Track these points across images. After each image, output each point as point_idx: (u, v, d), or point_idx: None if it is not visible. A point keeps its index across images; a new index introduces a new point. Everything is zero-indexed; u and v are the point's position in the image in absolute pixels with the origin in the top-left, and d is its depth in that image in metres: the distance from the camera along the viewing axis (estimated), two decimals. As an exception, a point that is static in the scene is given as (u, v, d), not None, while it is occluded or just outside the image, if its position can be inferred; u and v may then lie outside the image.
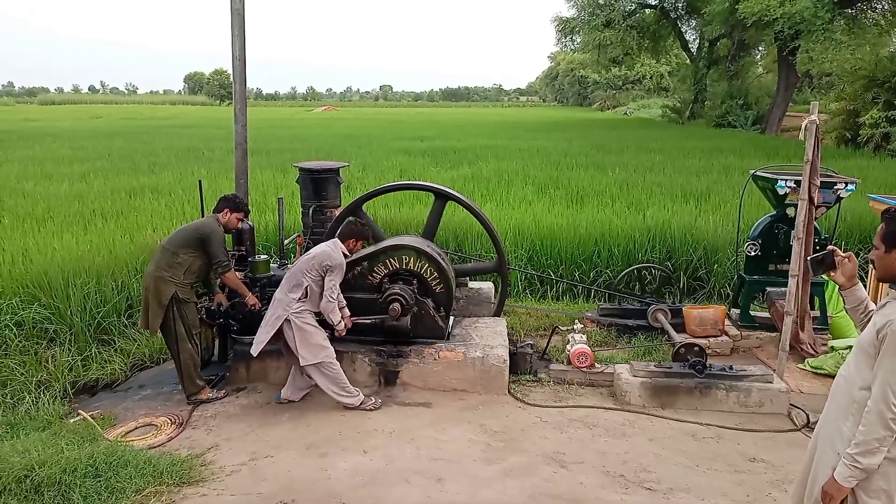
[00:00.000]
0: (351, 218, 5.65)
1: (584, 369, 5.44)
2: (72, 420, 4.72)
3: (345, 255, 5.00)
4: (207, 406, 5.06)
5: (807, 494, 2.69)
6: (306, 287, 4.85)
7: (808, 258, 2.79)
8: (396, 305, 5.27)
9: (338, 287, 4.94)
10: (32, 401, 4.90)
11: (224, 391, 5.26)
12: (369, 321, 5.39)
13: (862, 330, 2.66)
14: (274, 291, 5.54)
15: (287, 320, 4.83)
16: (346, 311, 5.18)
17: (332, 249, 4.93)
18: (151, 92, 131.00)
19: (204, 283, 5.44)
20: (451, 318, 5.84)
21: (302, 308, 4.86)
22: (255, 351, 4.89)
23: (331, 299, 4.87)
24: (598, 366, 5.50)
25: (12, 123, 32.20)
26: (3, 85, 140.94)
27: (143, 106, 71.16)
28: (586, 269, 7.89)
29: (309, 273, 4.84)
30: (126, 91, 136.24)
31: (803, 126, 5.19)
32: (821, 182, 5.57)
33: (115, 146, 19.52)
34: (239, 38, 6.36)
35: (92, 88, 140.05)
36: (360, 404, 4.95)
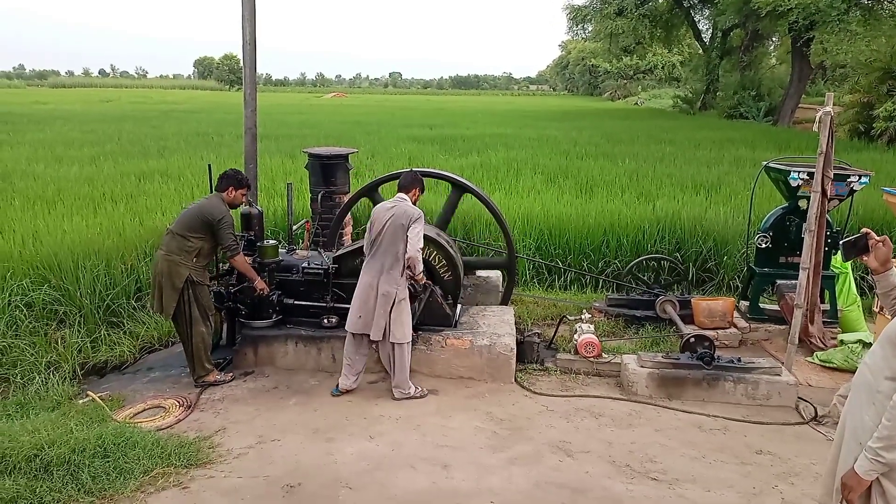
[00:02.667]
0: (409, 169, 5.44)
1: (592, 359, 5.43)
2: (81, 401, 4.75)
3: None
4: (215, 389, 5.09)
5: (836, 487, 2.64)
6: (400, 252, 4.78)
7: (841, 241, 2.72)
8: (404, 292, 5.27)
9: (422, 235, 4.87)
10: (42, 381, 4.94)
11: (231, 374, 5.28)
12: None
13: (893, 316, 2.60)
14: (283, 276, 5.57)
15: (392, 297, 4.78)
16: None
17: (406, 205, 4.88)
18: (161, 76, 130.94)
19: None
20: (459, 306, 5.84)
21: (404, 284, 4.86)
22: (407, 337, 4.88)
23: (419, 249, 4.80)
24: (606, 356, 5.49)
25: (23, 106, 32.30)
26: (13, 68, 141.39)
27: (152, 90, 71.16)
28: (595, 259, 7.86)
29: (401, 242, 4.77)
30: (136, 75, 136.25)
31: (817, 117, 5.13)
32: (834, 174, 5.51)
33: (125, 130, 19.55)
34: (249, 23, 6.34)
35: (102, 72, 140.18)
36: (416, 393, 4.96)
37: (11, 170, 11.21)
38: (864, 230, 2.69)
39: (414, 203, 5.01)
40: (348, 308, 5.51)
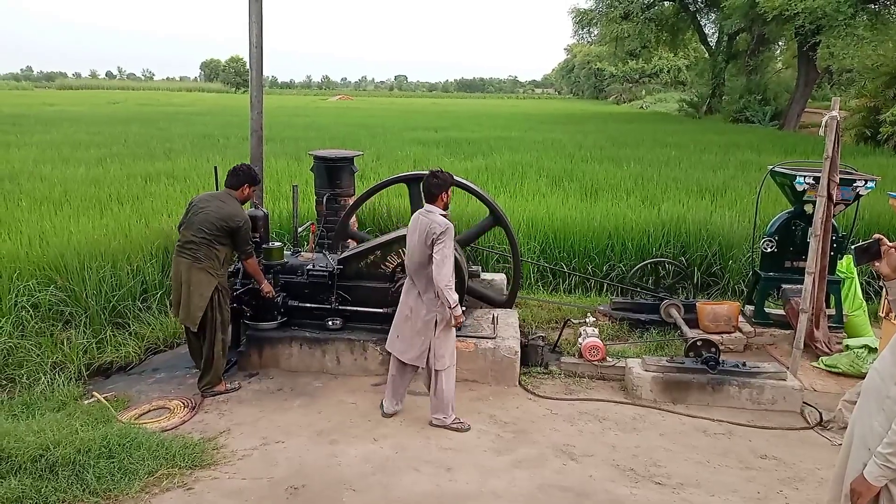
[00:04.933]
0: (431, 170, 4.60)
1: (596, 363, 5.43)
2: (86, 402, 4.77)
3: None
4: (220, 391, 5.10)
5: (844, 493, 2.63)
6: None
7: (854, 246, 2.70)
8: (408, 295, 5.26)
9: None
10: (48, 382, 4.95)
11: (239, 383, 5.19)
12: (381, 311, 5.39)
13: None
14: (288, 278, 5.58)
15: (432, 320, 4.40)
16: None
17: (431, 219, 4.27)
18: (168, 78, 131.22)
19: None
20: (463, 308, 5.83)
21: (444, 306, 4.34)
22: (449, 363, 4.47)
23: (448, 280, 4.19)
24: (610, 359, 5.48)
25: (31, 108, 32.47)
26: (21, 69, 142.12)
27: (159, 92, 71.46)
28: (599, 263, 7.85)
29: (430, 264, 4.25)
30: (143, 77, 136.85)
31: (824, 122, 5.13)
32: (840, 179, 5.50)
33: (132, 132, 19.63)
34: (256, 25, 6.37)
35: (109, 74, 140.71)
36: (453, 423, 4.58)
37: (19, 171, 11.28)
38: (876, 235, 2.67)
39: (445, 208, 4.41)
40: (353, 310, 5.55)
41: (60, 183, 10.15)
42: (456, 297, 4.26)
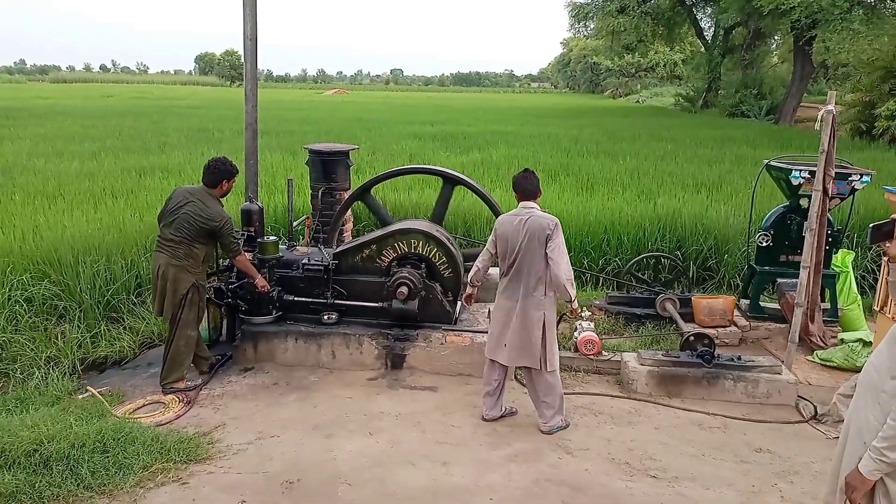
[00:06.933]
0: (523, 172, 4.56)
1: (591, 357, 5.43)
2: (80, 396, 4.75)
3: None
4: (215, 385, 5.09)
5: (839, 486, 2.64)
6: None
7: (871, 224, 2.82)
8: (404, 289, 5.26)
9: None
10: (42, 376, 4.93)
11: (201, 380, 5.10)
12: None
13: None
14: (283, 273, 5.55)
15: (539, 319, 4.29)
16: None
17: (538, 215, 4.26)
18: (162, 72, 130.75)
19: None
20: (459, 302, 5.83)
21: (552, 305, 4.32)
22: (557, 363, 4.39)
23: (569, 274, 4.22)
24: (606, 353, 5.48)
25: (24, 101, 32.27)
26: (14, 62, 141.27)
27: (154, 86, 71.12)
28: (595, 257, 7.85)
29: (542, 260, 4.20)
30: (137, 70, 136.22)
31: (819, 116, 5.12)
32: (835, 173, 5.51)
33: (126, 125, 19.53)
34: (251, 18, 6.30)
35: (103, 67, 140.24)
36: (565, 423, 4.49)
37: (12, 164, 11.21)
38: (894, 216, 2.76)
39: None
40: (348, 304, 5.53)
41: (54, 176, 10.09)
42: (575, 291, 4.27)
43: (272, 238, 5.60)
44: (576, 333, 5.60)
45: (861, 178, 5.93)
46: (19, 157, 12.07)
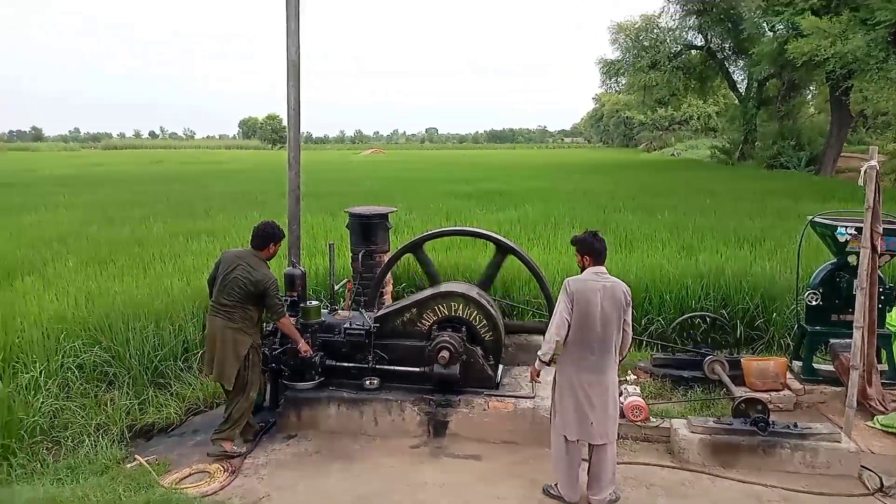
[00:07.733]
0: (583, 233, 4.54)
1: (639, 423, 5.27)
2: (129, 465, 4.80)
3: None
4: (259, 453, 5.08)
5: None
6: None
7: None
8: (445, 353, 5.24)
9: None
10: (91, 444, 5.02)
11: (246, 448, 5.14)
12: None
13: None
14: (325, 337, 5.59)
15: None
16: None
17: (617, 283, 4.18)
18: (208, 136, 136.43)
19: None
20: (501, 366, 5.77)
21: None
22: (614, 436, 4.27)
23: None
24: (654, 420, 5.32)
25: (79, 168, 33.94)
26: (69, 131, 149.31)
27: (199, 150, 74.07)
28: (637, 317, 7.71)
29: (619, 331, 4.13)
30: (184, 136, 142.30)
31: (863, 171, 5.04)
32: (883, 229, 5.37)
33: (174, 190, 20.30)
34: (294, 89, 6.56)
35: (152, 133, 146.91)
36: (615, 495, 4.35)
37: (67, 231, 11.71)
38: None
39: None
40: (390, 369, 5.51)
41: (106, 243, 10.49)
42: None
43: (314, 303, 5.68)
44: (622, 398, 5.45)
45: (911, 233, 5.76)
46: (73, 224, 12.62)
